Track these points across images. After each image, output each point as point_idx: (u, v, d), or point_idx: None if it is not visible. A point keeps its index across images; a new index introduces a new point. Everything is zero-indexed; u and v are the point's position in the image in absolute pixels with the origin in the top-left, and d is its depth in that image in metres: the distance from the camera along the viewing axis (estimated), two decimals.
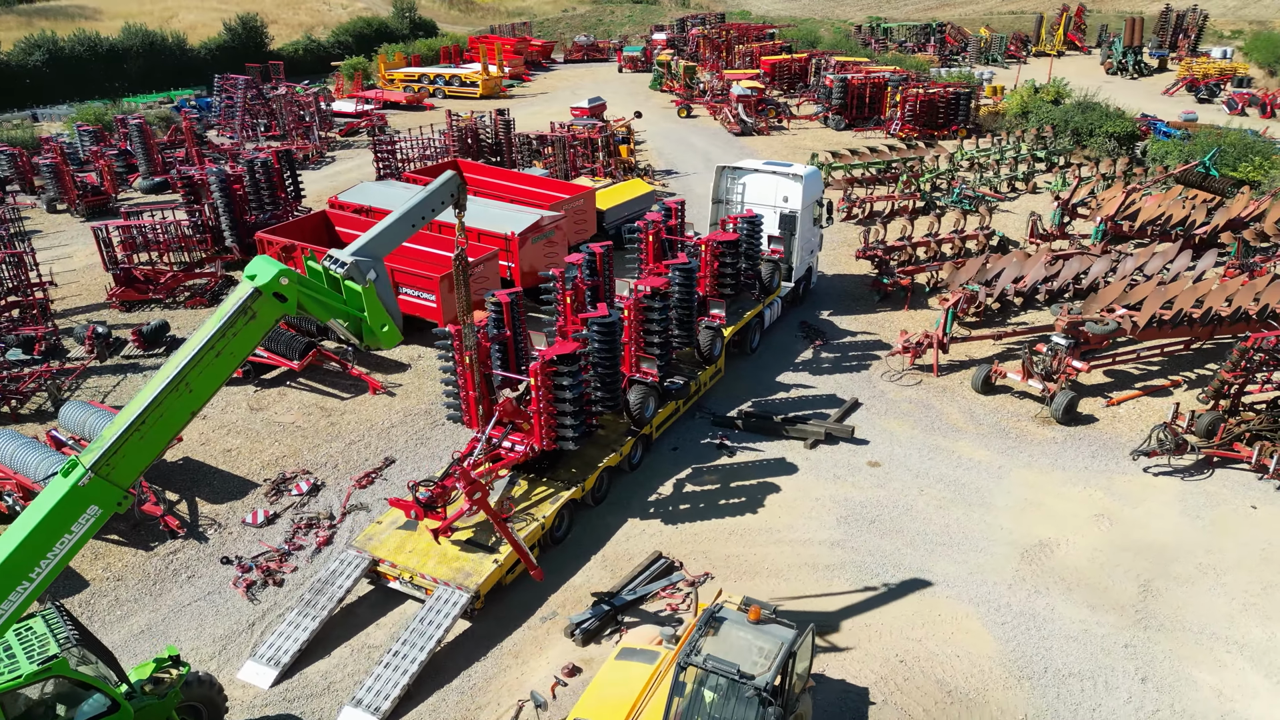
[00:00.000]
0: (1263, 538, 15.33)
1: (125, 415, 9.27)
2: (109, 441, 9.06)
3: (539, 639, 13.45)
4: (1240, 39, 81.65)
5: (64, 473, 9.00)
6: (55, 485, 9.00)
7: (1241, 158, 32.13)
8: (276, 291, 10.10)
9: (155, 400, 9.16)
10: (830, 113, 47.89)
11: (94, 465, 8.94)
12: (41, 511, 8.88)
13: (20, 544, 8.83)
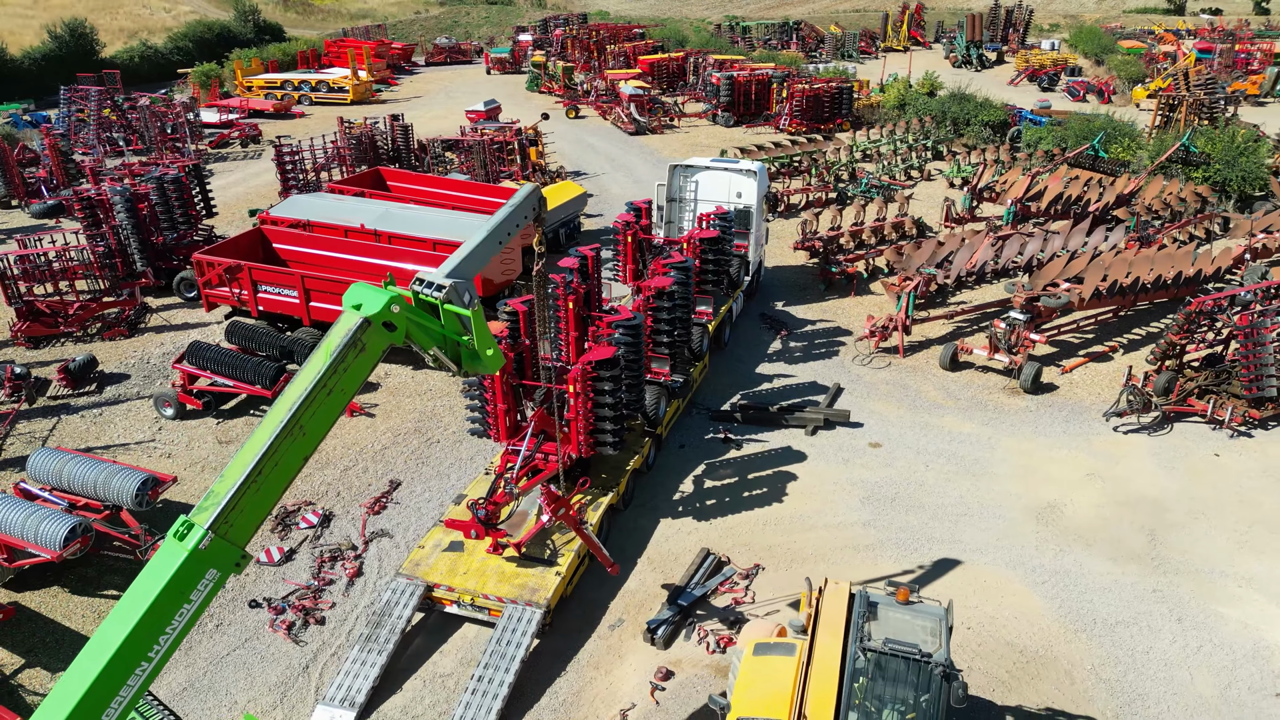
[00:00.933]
0: (1234, 481, 17.00)
1: (238, 466, 8.39)
2: (225, 496, 8.12)
3: (614, 647, 13.33)
4: (1058, 32, 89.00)
5: (177, 536, 7.97)
6: (169, 551, 7.94)
7: (1112, 139, 35.16)
8: (386, 321, 9.61)
9: (270, 447, 8.32)
10: (719, 110, 48.95)
11: (213, 524, 7.98)
12: (158, 582, 7.79)
13: (138, 622, 7.69)
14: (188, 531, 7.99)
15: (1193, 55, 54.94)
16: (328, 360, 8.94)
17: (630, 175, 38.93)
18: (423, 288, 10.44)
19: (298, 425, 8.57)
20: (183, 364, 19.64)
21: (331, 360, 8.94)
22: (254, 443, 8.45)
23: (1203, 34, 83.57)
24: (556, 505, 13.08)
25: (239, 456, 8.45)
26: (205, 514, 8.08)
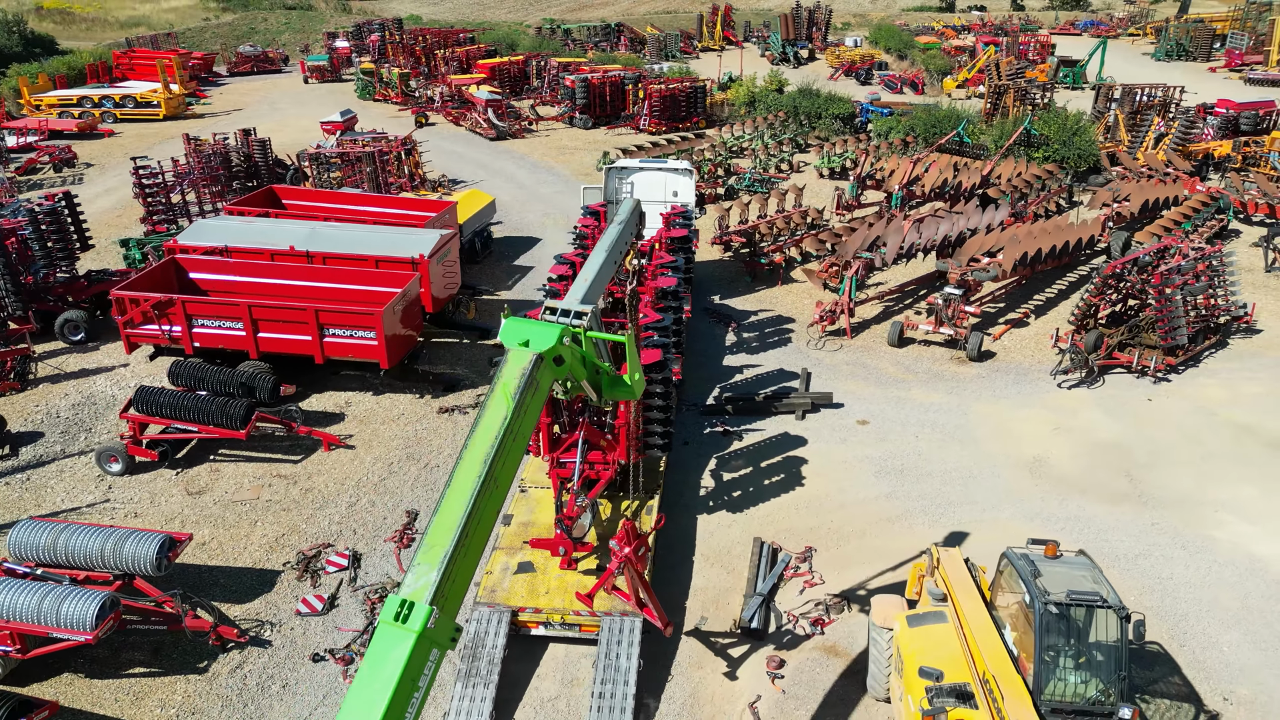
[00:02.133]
0: (1173, 422, 19.29)
1: (442, 532, 7.74)
2: (439, 567, 7.53)
3: (709, 645, 13.44)
4: (849, 30, 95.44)
5: (398, 618, 7.30)
6: (392, 637, 7.26)
7: (959, 126, 38.41)
8: (556, 355, 9.34)
9: (474, 507, 7.85)
10: (576, 112, 49.12)
11: (434, 599, 7.39)
12: (390, 674, 7.10)
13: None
14: (409, 612, 7.34)
15: (991, 49, 60.55)
16: (511, 404, 8.53)
17: (510, 181, 38.42)
18: (570, 318, 10.12)
19: (493, 479, 8.16)
20: (130, 412, 17.74)
21: (516, 403, 8.55)
22: (452, 505, 7.91)
23: (975, 29, 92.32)
24: (637, 544, 12.53)
25: (438, 521, 7.85)
26: (420, 589, 7.47)
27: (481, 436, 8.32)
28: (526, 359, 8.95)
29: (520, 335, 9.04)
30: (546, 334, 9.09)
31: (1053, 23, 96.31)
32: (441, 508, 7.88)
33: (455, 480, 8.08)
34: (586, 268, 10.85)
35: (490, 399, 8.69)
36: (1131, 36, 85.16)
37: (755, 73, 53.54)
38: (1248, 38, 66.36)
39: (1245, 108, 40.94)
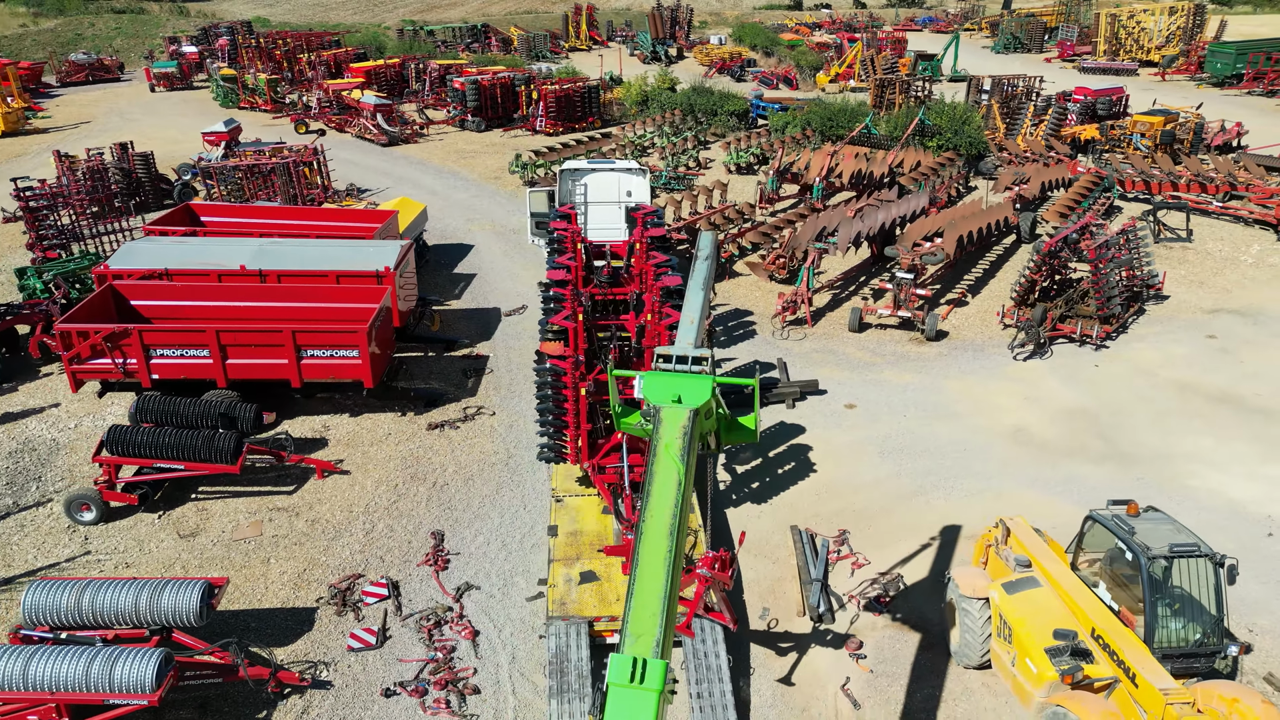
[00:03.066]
0: (1122, 384, 20.97)
1: (649, 591, 7.39)
2: (658, 626, 7.20)
3: (781, 635, 13.68)
4: (707, 29, 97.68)
5: (634, 680, 6.93)
6: (636, 700, 6.91)
7: (854, 118, 40.15)
8: (708, 409, 8.99)
9: (672, 565, 7.53)
10: (468, 115, 48.19)
11: (662, 656, 7.11)
12: None
13: None
14: (643, 671, 7.02)
15: (859, 45, 63.40)
16: (682, 467, 8.13)
17: (419, 187, 37.33)
18: (679, 365, 9.51)
19: (681, 550, 7.90)
20: (103, 455, 16.29)
21: (686, 466, 8.18)
22: (649, 583, 7.49)
23: (826, 26, 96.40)
24: (727, 570, 11.78)
25: (642, 582, 7.50)
26: (646, 647, 7.13)
27: (659, 507, 7.91)
28: (684, 416, 8.49)
29: (669, 391, 8.58)
30: (698, 388, 8.70)
31: (894, 19, 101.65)
32: (638, 588, 7.46)
33: (644, 557, 7.63)
34: (689, 309, 10.43)
35: (656, 465, 8.24)
36: (968, 31, 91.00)
37: (645, 72, 54.03)
38: (1076, 30, 72.29)
39: (1100, 94, 44.66)
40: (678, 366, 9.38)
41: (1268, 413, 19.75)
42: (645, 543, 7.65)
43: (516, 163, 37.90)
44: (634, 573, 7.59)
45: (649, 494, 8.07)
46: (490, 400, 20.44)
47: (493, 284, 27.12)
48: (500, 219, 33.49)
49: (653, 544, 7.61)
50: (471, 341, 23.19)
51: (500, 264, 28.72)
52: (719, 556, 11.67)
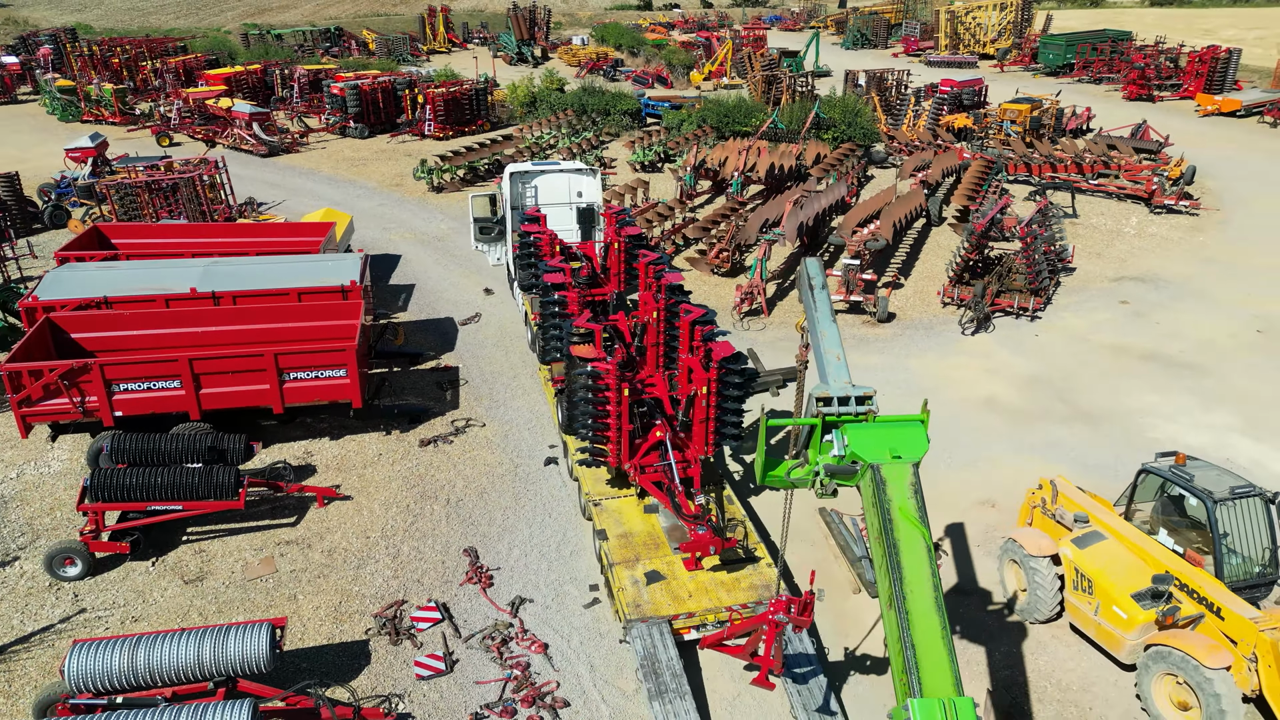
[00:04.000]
0: (1063, 350, 22.65)
1: (936, 666, 7.31)
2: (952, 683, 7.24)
3: (849, 612, 14.08)
4: (562, 29, 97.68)
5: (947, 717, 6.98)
6: None
7: (751, 114, 41.31)
8: None
9: (947, 633, 7.52)
10: (350, 122, 46.40)
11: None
12: None
13: None
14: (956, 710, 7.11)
15: (730, 43, 65.02)
16: (924, 528, 7.93)
17: (320, 199, 35.68)
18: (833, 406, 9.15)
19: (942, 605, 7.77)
20: (86, 503, 14.86)
21: (926, 525, 7.98)
22: (928, 641, 7.42)
23: (679, 25, 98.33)
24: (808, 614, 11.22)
25: (925, 660, 7.38)
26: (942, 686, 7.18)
27: (917, 582, 7.64)
28: (909, 473, 8.11)
29: (886, 446, 8.07)
30: (915, 440, 8.28)
31: (742, 18, 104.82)
32: (923, 665, 7.34)
33: (920, 638, 7.47)
34: (829, 343, 9.84)
35: (897, 533, 7.85)
36: (813, 29, 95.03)
37: (531, 74, 53.50)
38: (918, 26, 76.88)
39: (964, 85, 47.80)
40: (842, 409, 8.95)
41: (1193, 367, 21.85)
42: (917, 622, 7.36)
43: (422, 169, 36.88)
44: (908, 650, 7.36)
45: (899, 566, 7.64)
46: (475, 412, 19.90)
47: (436, 294, 26.33)
48: (418, 227, 32.51)
49: (924, 622, 7.40)
50: (436, 354, 22.47)
51: (436, 273, 27.90)
52: (801, 600, 11.05)
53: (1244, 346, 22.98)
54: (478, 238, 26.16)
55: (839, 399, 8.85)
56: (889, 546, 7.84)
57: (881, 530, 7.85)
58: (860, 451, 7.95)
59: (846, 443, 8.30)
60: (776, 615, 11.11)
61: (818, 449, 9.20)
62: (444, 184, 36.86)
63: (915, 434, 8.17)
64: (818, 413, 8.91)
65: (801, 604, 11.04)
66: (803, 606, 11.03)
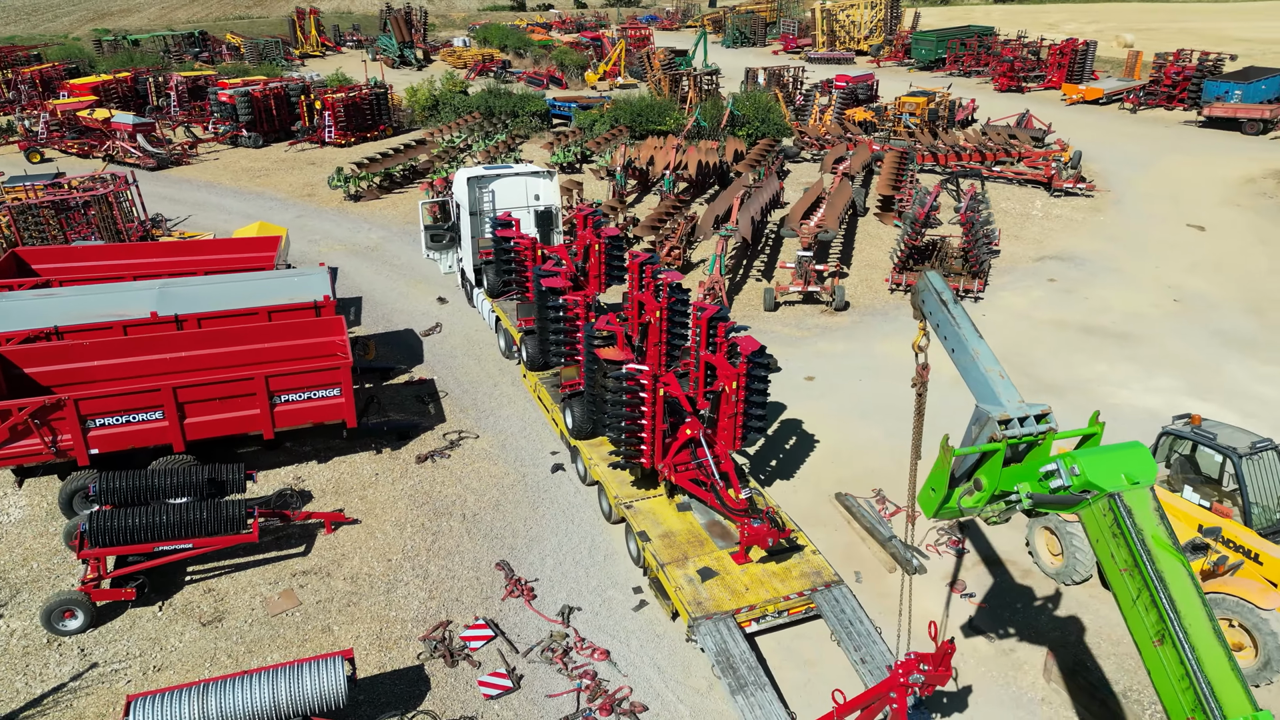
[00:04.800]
0: (1012, 327, 23.96)
1: (1225, 676, 7.24)
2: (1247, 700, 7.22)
3: (886, 591, 14.51)
4: (436, 30, 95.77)
5: None
6: None
7: (665, 113, 41.71)
8: None
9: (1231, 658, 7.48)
10: (242, 131, 44.17)
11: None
12: None
13: None
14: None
15: (622, 43, 65.22)
16: (1181, 555, 7.69)
17: (230, 213, 33.97)
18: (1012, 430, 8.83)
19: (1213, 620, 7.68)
20: (87, 549, 13.72)
21: (1181, 551, 7.78)
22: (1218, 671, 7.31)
23: (557, 26, 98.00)
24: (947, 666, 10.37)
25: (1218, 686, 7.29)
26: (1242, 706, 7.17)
27: (1192, 613, 7.42)
28: (1149, 499, 7.80)
29: (1120, 471, 7.78)
30: (1144, 463, 7.93)
31: (617, 18, 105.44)
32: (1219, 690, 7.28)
33: (1210, 669, 7.36)
34: (987, 360, 9.45)
35: (1160, 564, 7.56)
36: (690, 28, 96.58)
37: (432, 77, 52.20)
38: (796, 24, 79.32)
39: (858, 80, 49.70)
40: (1024, 430, 8.70)
41: (1128, 337, 23.55)
42: (1204, 656, 7.27)
43: (338, 177, 35.52)
44: (1202, 685, 7.26)
45: (1172, 600, 7.40)
46: (464, 424, 19.41)
47: (386, 305, 25.47)
48: (346, 238, 31.33)
49: (1211, 655, 7.33)
50: (407, 367, 21.76)
51: (381, 284, 26.98)
52: (939, 652, 10.21)
53: (1167, 315, 24.94)
54: (429, 245, 25.48)
55: (1019, 417, 8.50)
56: (1151, 579, 7.54)
57: (1135, 562, 7.57)
58: (1098, 480, 7.64)
59: (1077, 471, 7.93)
60: (910, 676, 10.20)
61: (993, 476, 8.76)
62: (361, 192, 35.62)
63: (1141, 456, 7.86)
64: (1001, 436, 8.48)
65: (939, 656, 10.14)
66: (940, 658, 10.12)
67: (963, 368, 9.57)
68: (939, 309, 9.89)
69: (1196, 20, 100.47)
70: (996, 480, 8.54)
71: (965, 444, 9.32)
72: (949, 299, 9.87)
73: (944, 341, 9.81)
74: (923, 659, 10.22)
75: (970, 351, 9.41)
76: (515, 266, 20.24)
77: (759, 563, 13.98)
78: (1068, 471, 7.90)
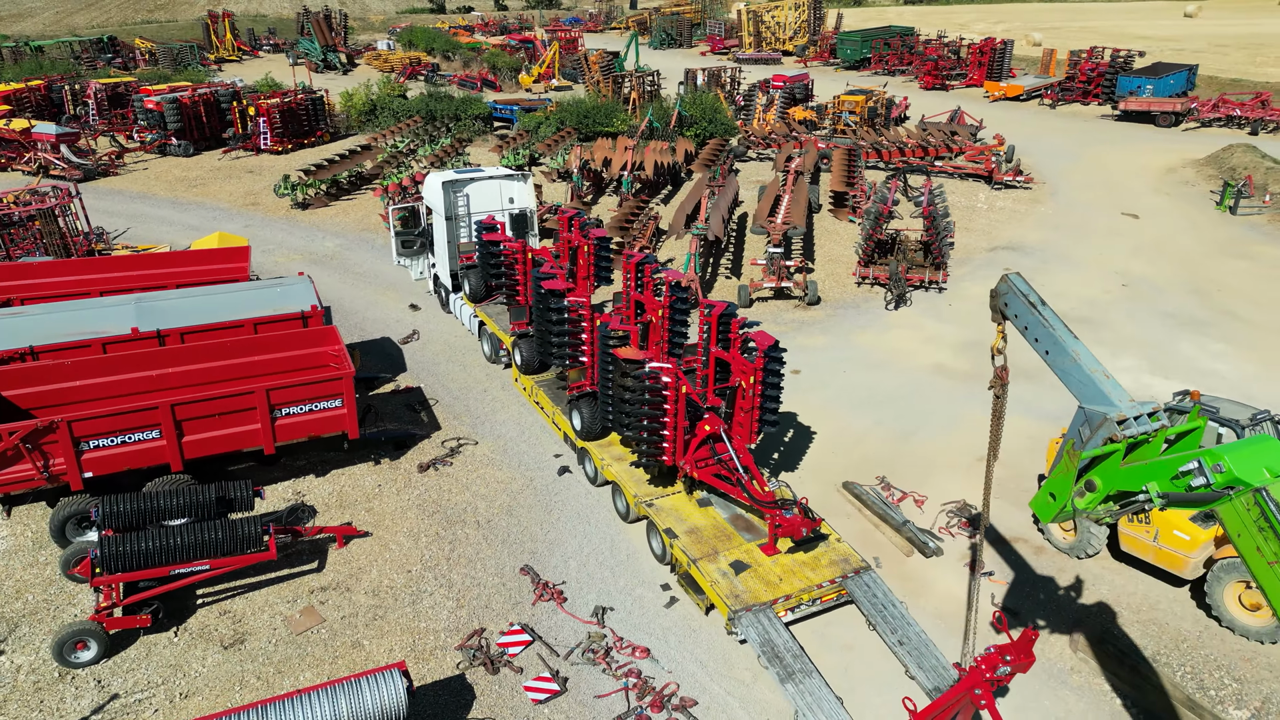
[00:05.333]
0: (978, 316, 24.75)
1: None
2: None
3: (911, 573, 14.92)
4: (354, 34, 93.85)
5: None
6: None
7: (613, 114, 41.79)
8: None
9: None
10: (171, 139, 42.61)
11: None
12: None
13: None
14: None
15: (555, 45, 64.92)
16: None
17: (173, 225, 32.88)
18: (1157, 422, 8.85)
19: None
20: (99, 575, 13.14)
21: None
22: None
23: (480, 29, 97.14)
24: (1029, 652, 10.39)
25: None
26: None
27: None
28: None
29: (1262, 465, 7.69)
30: (1273, 449, 7.83)
31: (541, 20, 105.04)
32: None
33: None
34: (1089, 360, 9.41)
35: None
36: (615, 30, 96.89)
37: (369, 81, 51.14)
38: (722, 25, 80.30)
39: (794, 80, 50.61)
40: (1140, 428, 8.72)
41: (1087, 321, 24.63)
42: None
43: (284, 184, 34.63)
44: None
45: None
46: (460, 430, 19.17)
47: (358, 314, 24.92)
48: (301, 246, 30.56)
49: None
50: (392, 375, 21.36)
51: (348, 293, 26.38)
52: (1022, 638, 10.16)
53: (1117, 300, 26.17)
54: (400, 251, 25.07)
55: (1135, 417, 8.49)
56: None
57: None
58: (1244, 476, 7.51)
59: (1222, 469, 7.77)
60: (996, 670, 10.18)
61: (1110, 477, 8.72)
62: (309, 200, 34.74)
63: (1273, 448, 7.72)
64: (1121, 436, 8.50)
65: (1022, 644, 10.14)
66: (1023, 645, 10.12)
67: (1061, 370, 9.47)
68: (1028, 311, 9.72)
69: (1096, 19, 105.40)
70: (1113, 481, 8.54)
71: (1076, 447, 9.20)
72: (1037, 300, 9.72)
73: (1034, 344, 9.70)
74: (1004, 650, 10.27)
75: (1070, 353, 9.32)
76: (505, 271, 20.06)
77: (787, 553, 14.21)
78: (1211, 469, 7.81)
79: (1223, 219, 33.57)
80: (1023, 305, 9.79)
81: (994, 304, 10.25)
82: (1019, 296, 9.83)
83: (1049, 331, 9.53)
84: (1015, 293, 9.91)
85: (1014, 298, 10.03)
